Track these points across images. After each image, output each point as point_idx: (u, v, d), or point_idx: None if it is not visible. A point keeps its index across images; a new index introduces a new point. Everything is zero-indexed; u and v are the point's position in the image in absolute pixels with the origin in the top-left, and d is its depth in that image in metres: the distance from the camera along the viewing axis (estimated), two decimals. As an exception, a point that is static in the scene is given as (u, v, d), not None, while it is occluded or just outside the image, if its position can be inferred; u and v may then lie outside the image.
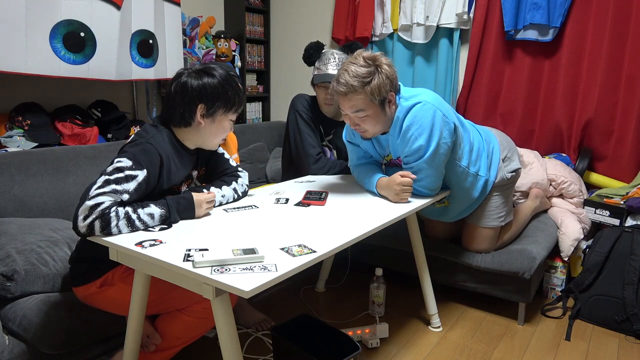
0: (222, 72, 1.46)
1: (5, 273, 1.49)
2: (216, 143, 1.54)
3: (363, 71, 1.62)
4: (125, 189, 1.30)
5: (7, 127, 2.29)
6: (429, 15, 3.05)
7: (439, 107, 1.69)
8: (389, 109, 1.70)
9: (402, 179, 1.69)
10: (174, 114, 1.45)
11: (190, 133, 1.48)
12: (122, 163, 1.32)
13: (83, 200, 1.25)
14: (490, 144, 2.02)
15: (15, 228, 1.66)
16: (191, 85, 1.42)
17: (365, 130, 1.72)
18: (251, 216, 1.49)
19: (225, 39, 3.48)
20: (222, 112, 1.47)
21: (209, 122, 1.46)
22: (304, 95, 2.29)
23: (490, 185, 1.99)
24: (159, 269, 1.17)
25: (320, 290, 2.47)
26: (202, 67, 1.47)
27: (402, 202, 1.71)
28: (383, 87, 1.63)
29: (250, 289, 0.99)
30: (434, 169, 1.74)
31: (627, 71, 2.54)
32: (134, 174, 1.32)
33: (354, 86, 1.61)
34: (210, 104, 1.43)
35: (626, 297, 2.05)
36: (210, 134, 1.49)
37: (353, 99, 1.64)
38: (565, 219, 2.39)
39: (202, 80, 1.42)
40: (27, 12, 2.06)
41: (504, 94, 2.94)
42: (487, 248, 2.10)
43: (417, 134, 1.68)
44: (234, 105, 1.49)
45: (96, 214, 1.24)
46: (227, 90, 1.45)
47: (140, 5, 2.55)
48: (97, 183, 1.28)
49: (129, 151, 1.35)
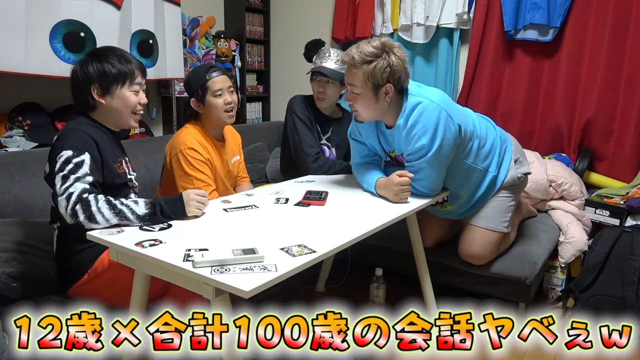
0: (107, 51, 1.52)
1: (12, 274, 1.50)
2: (128, 119, 1.55)
3: (369, 50, 1.64)
4: (83, 173, 1.35)
5: (7, 127, 2.29)
6: (429, 15, 3.05)
7: (445, 108, 1.69)
8: (383, 100, 1.69)
9: (400, 179, 1.69)
10: (78, 104, 1.51)
11: (100, 115, 1.53)
12: (64, 156, 1.36)
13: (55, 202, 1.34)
14: (504, 143, 2.00)
15: (19, 230, 1.67)
16: (77, 72, 1.48)
17: (356, 110, 1.75)
18: (251, 216, 1.49)
19: (225, 39, 3.48)
20: (117, 86, 1.49)
21: (109, 99, 1.49)
22: (300, 96, 2.30)
23: (499, 182, 1.96)
24: (159, 269, 1.17)
25: (320, 290, 2.47)
26: (88, 52, 1.53)
27: (402, 202, 1.71)
28: (381, 73, 1.63)
29: (250, 289, 0.99)
30: (434, 169, 1.73)
31: (627, 71, 2.54)
32: (80, 160, 1.36)
33: (354, 59, 1.65)
34: (100, 83, 1.47)
35: (626, 297, 2.05)
36: (117, 110, 1.51)
37: (351, 72, 1.68)
38: (572, 227, 2.34)
39: (86, 64, 1.48)
40: (27, 12, 2.06)
41: (504, 94, 2.94)
42: (485, 256, 2.02)
43: (421, 132, 1.68)
44: (127, 76, 1.50)
45: (74, 200, 1.29)
46: (114, 65, 1.48)
47: (140, 5, 2.55)
48: (56, 182, 1.34)
49: (63, 144, 1.39)
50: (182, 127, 1.91)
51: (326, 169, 2.18)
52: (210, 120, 1.89)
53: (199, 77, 1.85)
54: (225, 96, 1.86)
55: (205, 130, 1.90)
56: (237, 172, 2.11)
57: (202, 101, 1.86)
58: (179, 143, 1.81)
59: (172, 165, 1.82)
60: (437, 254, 2.20)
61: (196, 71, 1.90)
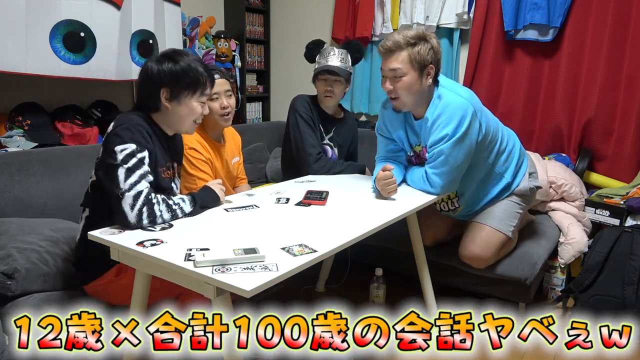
0: (185, 56, 1.49)
1: (6, 272, 1.49)
2: (189, 126, 1.54)
3: (412, 34, 1.71)
4: (145, 170, 1.35)
5: (7, 127, 2.28)
6: (429, 15, 3.05)
7: (473, 104, 1.74)
8: (426, 80, 1.74)
9: (382, 173, 1.72)
10: (142, 101, 1.49)
11: (161, 117, 1.51)
12: (128, 148, 1.34)
13: (117, 198, 1.30)
14: (523, 156, 2.05)
15: (16, 228, 1.66)
16: (152, 71, 1.45)
17: (398, 96, 1.76)
18: (252, 216, 1.49)
19: (225, 39, 3.48)
20: (186, 94, 1.47)
21: (175, 104, 1.47)
22: (303, 96, 2.30)
23: (511, 189, 2.00)
24: (160, 269, 1.17)
25: (320, 290, 2.47)
26: (165, 52, 1.50)
27: (391, 195, 1.73)
28: (425, 55, 1.70)
29: (251, 289, 0.99)
30: (452, 158, 1.75)
31: (627, 71, 2.54)
32: (142, 156, 1.36)
33: (399, 42, 1.69)
34: (172, 87, 1.45)
35: (626, 297, 2.05)
36: (180, 116, 1.50)
37: (394, 55, 1.71)
38: (572, 228, 2.34)
39: (162, 65, 1.45)
40: (27, 12, 2.06)
41: (504, 94, 2.94)
42: (486, 258, 1.99)
43: (445, 123, 1.72)
44: (199, 86, 1.49)
45: (141, 202, 1.30)
46: (189, 73, 1.46)
47: (140, 5, 2.55)
48: (119, 175, 1.31)
49: (124, 135, 1.36)
50: None
51: (327, 169, 2.18)
52: (208, 122, 1.89)
53: None
54: (222, 100, 1.86)
55: (204, 131, 1.90)
56: (237, 173, 2.11)
57: None
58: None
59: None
60: (437, 254, 2.20)
61: None
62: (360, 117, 3.59)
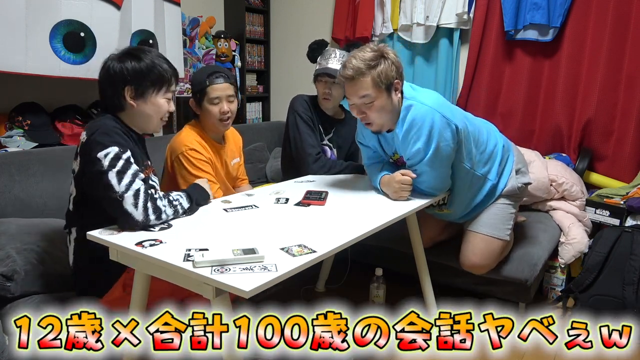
0: (148, 53, 1.46)
1: (5, 273, 1.49)
2: (156, 124, 1.51)
3: (370, 55, 1.65)
4: (135, 169, 1.34)
5: (7, 127, 2.28)
6: (429, 15, 3.05)
7: (439, 109, 1.68)
8: (395, 96, 1.70)
9: (402, 177, 1.71)
10: (107, 101, 1.45)
11: (128, 117, 1.47)
12: (111, 152, 1.32)
13: (116, 202, 1.28)
14: (507, 152, 2.00)
15: (15, 228, 1.66)
16: (114, 70, 1.42)
17: (372, 121, 1.72)
18: (251, 216, 1.49)
19: (225, 39, 3.48)
20: (152, 92, 1.45)
21: (141, 102, 1.45)
22: (303, 96, 2.30)
23: (498, 191, 1.97)
24: (159, 269, 1.17)
25: (320, 290, 2.47)
26: (125, 50, 1.47)
27: (401, 200, 1.72)
28: (389, 72, 1.65)
29: (250, 289, 0.99)
30: (436, 170, 1.74)
31: (627, 71, 2.54)
32: (127, 156, 1.35)
33: (360, 68, 1.63)
34: (136, 85, 1.42)
35: (626, 297, 2.05)
36: (146, 115, 1.47)
37: (359, 83, 1.65)
38: (574, 228, 2.34)
39: (124, 63, 1.42)
40: (27, 12, 2.06)
41: (504, 94, 2.94)
42: (487, 265, 1.98)
43: (416, 137, 1.69)
44: (164, 82, 1.46)
45: (143, 198, 1.30)
46: (153, 69, 1.43)
47: (140, 5, 2.55)
48: (111, 180, 1.29)
49: (103, 140, 1.33)
50: (181, 129, 1.91)
51: (327, 169, 2.18)
52: (207, 124, 1.89)
53: (201, 80, 1.83)
54: (222, 105, 1.83)
55: (204, 132, 1.90)
56: (237, 174, 2.11)
57: (200, 105, 1.85)
58: (179, 145, 1.80)
59: (173, 167, 1.81)
60: (437, 254, 2.20)
61: (200, 73, 1.88)
62: (360, 117, 3.58)
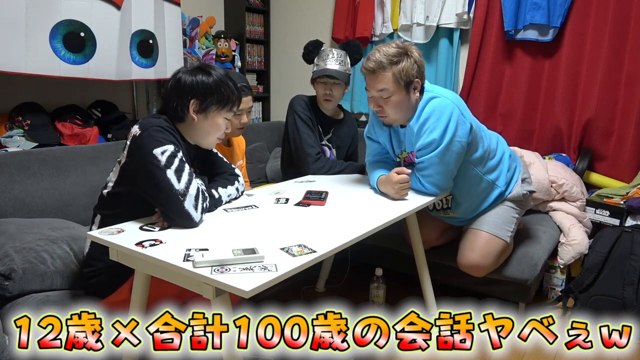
0: (218, 70, 1.49)
1: (2, 272, 1.49)
2: (211, 141, 1.54)
3: (393, 51, 1.69)
4: (191, 170, 1.38)
5: (7, 127, 2.28)
6: (429, 15, 3.05)
7: (458, 105, 1.72)
8: (414, 95, 1.73)
9: (398, 177, 1.72)
10: (169, 108, 1.47)
11: (185, 128, 1.49)
12: (167, 151, 1.34)
13: (177, 200, 1.30)
14: (514, 162, 2.03)
15: (14, 228, 1.66)
16: (184, 81, 1.45)
17: (387, 115, 1.75)
18: (251, 216, 1.49)
19: (225, 39, 3.48)
20: (215, 109, 1.47)
21: (202, 118, 1.47)
22: (302, 96, 2.30)
23: (505, 197, 1.99)
24: (159, 269, 1.17)
25: (320, 290, 2.47)
26: (198, 65, 1.49)
27: (402, 199, 1.73)
28: (410, 70, 1.69)
29: (250, 289, 0.99)
30: (444, 165, 1.74)
31: (627, 71, 2.54)
32: (181, 155, 1.37)
33: (382, 63, 1.67)
34: (202, 100, 1.45)
35: (626, 297, 2.05)
36: (204, 130, 1.50)
37: (379, 77, 1.69)
38: (574, 229, 2.33)
39: (195, 76, 1.45)
40: (27, 12, 2.06)
41: (504, 94, 2.94)
42: (486, 266, 1.94)
43: (432, 127, 1.71)
44: (228, 103, 1.49)
45: (202, 200, 1.35)
46: (221, 87, 1.46)
47: (140, 5, 2.55)
48: (170, 179, 1.31)
49: (159, 137, 1.35)
50: None
51: (327, 169, 2.18)
52: None
53: None
54: (243, 117, 1.89)
55: None
56: None
57: None
58: None
59: None
60: (437, 254, 2.20)
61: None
62: (360, 117, 3.59)
